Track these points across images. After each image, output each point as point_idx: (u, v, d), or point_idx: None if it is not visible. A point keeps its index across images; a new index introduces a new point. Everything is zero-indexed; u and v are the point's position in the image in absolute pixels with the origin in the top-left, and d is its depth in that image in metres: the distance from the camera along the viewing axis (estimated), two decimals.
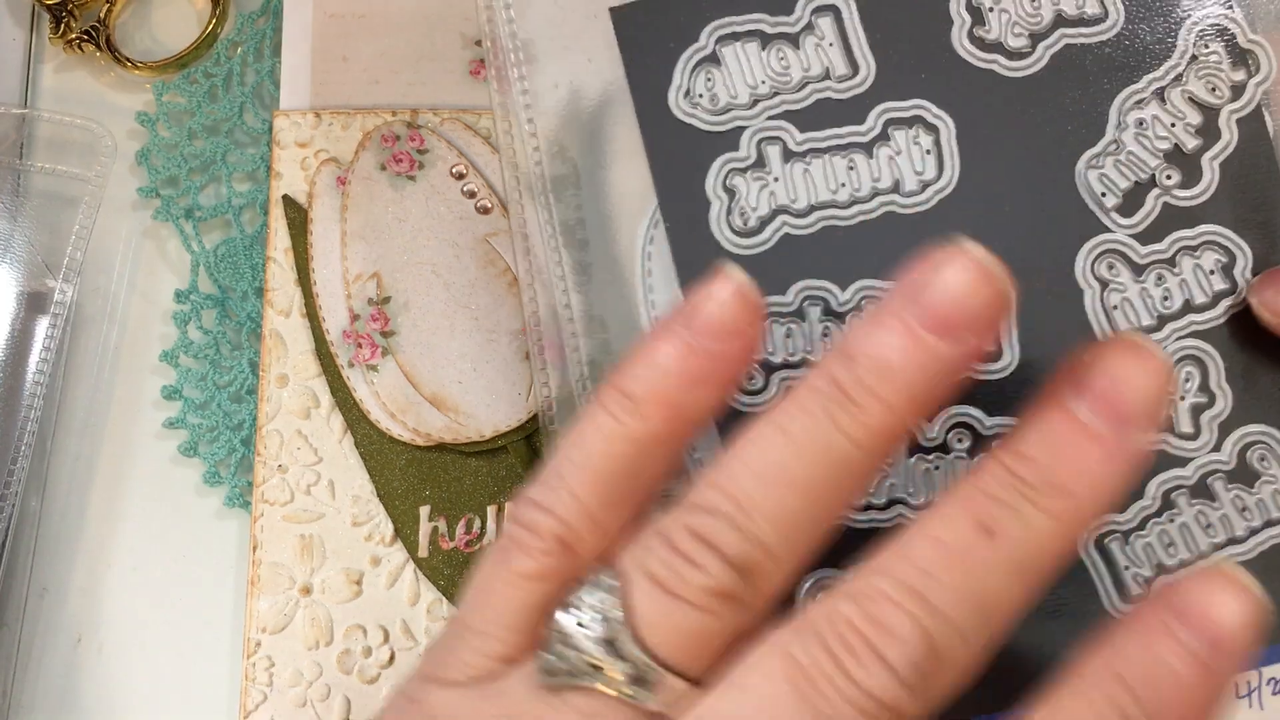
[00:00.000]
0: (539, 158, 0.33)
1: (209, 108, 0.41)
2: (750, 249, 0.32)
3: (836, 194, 0.31)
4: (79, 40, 0.41)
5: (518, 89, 0.33)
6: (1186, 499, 0.31)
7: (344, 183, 0.38)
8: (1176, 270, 0.31)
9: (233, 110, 0.41)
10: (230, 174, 0.40)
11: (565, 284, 0.32)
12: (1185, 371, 0.31)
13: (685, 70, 0.32)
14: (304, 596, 0.36)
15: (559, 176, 0.32)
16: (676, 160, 0.32)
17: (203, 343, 0.39)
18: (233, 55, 0.41)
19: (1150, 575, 0.31)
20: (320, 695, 0.35)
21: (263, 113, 0.41)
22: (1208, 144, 0.31)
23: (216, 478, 0.39)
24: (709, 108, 0.32)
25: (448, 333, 0.37)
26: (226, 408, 0.39)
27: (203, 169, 0.40)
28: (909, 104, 0.32)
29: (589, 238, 0.32)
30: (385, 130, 0.38)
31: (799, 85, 0.32)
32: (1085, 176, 0.31)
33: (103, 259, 0.40)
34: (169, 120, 0.41)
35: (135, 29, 0.42)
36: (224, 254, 0.40)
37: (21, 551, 0.38)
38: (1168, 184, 0.31)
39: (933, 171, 0.31)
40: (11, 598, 0.38)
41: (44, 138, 0.41)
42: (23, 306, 0.38)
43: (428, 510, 0.36)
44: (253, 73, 0.41)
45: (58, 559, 0.38)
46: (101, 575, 0.38)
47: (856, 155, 0.31)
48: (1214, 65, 0.31)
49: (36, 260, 0.39)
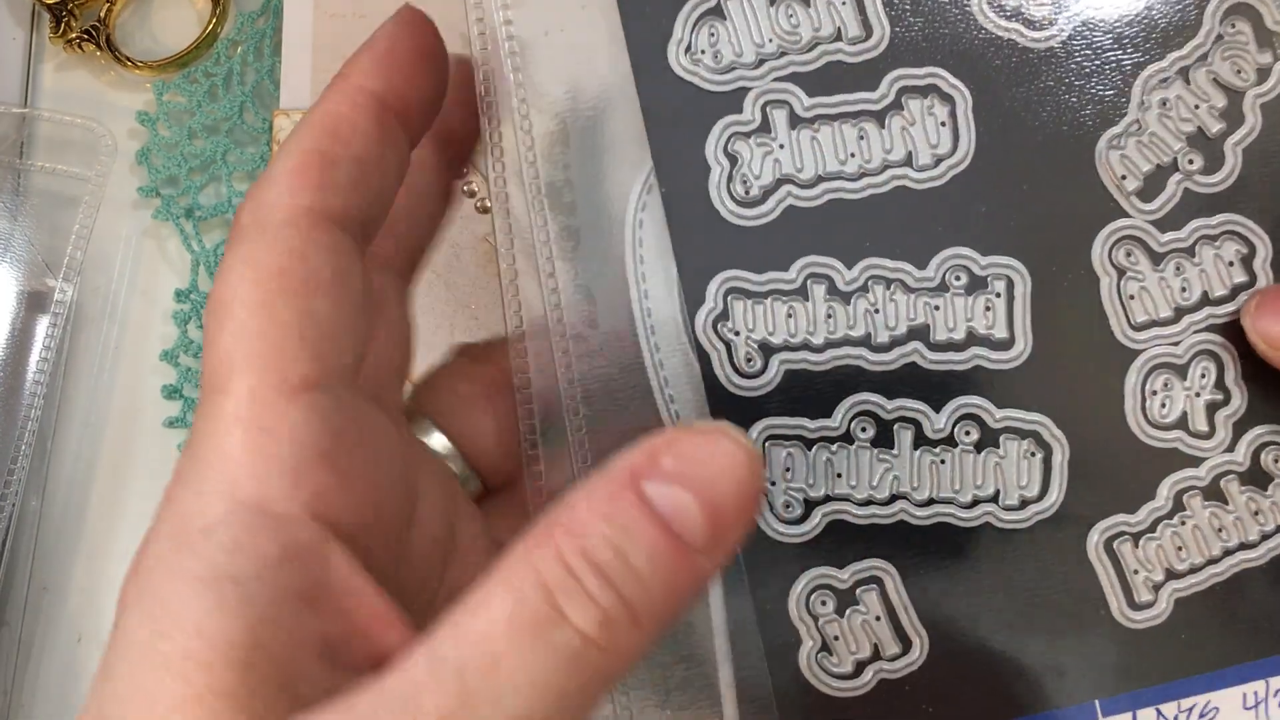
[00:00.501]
0: (525, 110, 0.31)
1: (209, 107, 0.41)
2: (751, 220, 0.30)
3: (845, 165, 0.30)
4: (79, 40, 0.41)
5: (503, 34, 0.31)
6: (1199, 500, 0.30)
7: None
8: (1196, 260, 0.30)
9: (233, 109, 0.41)
10: (230, 173, 0.40)
11: (550, 251, 0.31)
12: (1201, 367, 0.30)
13: (687, 23, 0.31)
14: None
15: (547, 132, 0.31)
16: (675, 120, 0.30)
17: (203, 342, 0.39)
18: (233, 55, 0.41)
19: (1160, 580, 0.30)
20: None
21: (263, 112, 0.41)
22: (1231, 128, 0.30)
23: None
24: (711, 65, 0.30)
25: (447, 332, 0.37)
26: None
27: (203, 168, 0.40)
28: (924, 71, 0.30)
29: (577, 200, 0.31)
30: None
31: (809, 45, 0.30)
32: (1106, 157, 0.30)
33: (103, 258, 0.40)
34: (169, 120, 0.41)
35: (135, 28, 0.42)
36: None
37: (22, 551, 0.38)
38: (1190, 169, 0.30)
39: (948, 145, 0.30)
40: (12, 597, 0.38)
41: (44, 137, 0.41)
42: (23, 306, 0.38)
43: None
44: (253, 72, 0.41)
45: (58, 558, 0.38)
46: (102, 574, 0.38)
47: (867, 124, 0.30)
48: (1240, 45, 0.30)
49: (37, 260, 0.39)
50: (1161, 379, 0.30)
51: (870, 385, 0.30)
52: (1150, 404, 0.30)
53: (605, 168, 0.31)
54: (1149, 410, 0.30)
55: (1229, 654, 0.30)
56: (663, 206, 0.30)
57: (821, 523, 0.28)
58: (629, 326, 0.30)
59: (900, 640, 0.29)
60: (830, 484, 0.28)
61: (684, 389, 0.30)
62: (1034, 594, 0.28)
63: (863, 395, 0.30)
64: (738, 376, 0.29)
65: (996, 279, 0.30)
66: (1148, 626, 0.30)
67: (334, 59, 0.39)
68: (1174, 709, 0.30)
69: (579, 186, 0.31)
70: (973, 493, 0.29)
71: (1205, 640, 0.30)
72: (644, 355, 0.30)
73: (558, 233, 0.31)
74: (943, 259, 0.30)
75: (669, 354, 0.30)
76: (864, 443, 0.29)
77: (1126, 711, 0.30)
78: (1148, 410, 0.30)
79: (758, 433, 0.29)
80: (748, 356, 0.30)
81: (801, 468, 0.29)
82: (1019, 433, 0.30)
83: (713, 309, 0.30)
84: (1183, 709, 0.30)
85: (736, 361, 0.29)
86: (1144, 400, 0.30)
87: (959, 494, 0.29)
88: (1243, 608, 0.30)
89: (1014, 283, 0.30)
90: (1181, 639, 0.30)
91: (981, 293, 0.29)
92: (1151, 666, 0.30)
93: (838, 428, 0.30)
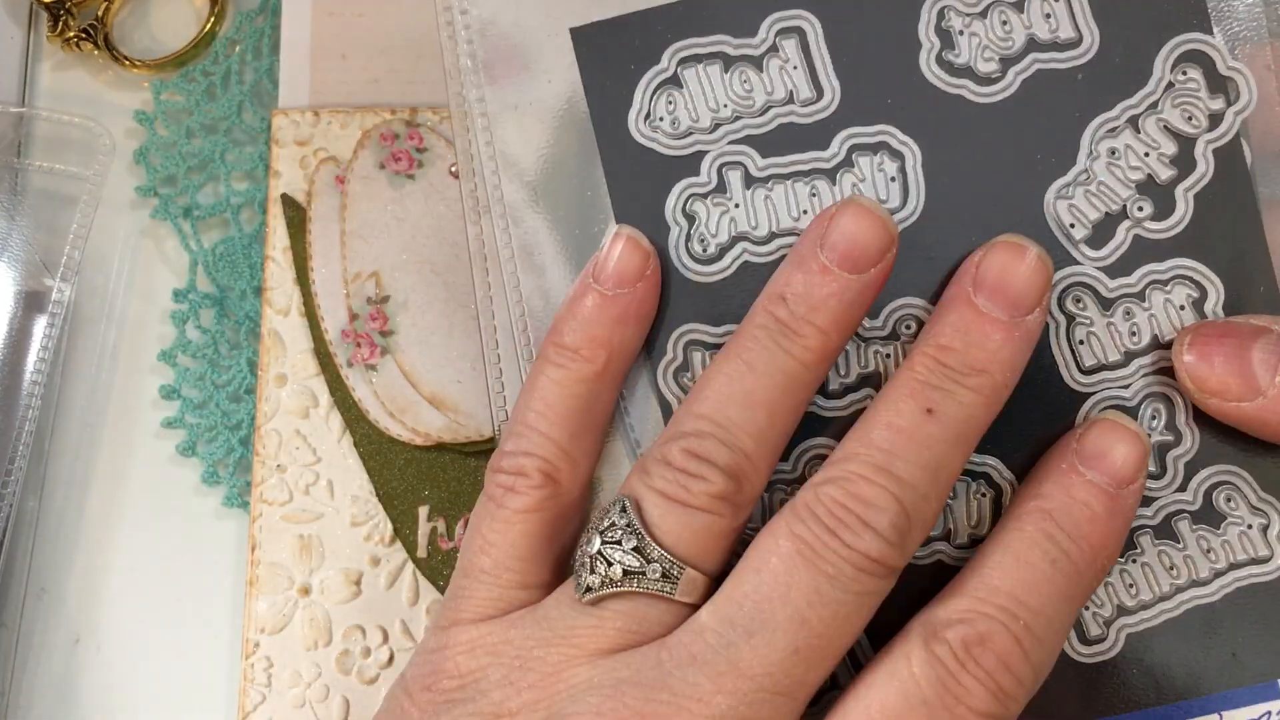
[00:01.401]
0: (496, 180, 0.32)
1: (207, 106, 0.41)
2: (709, 276, 0.31)
3: (799, 221, 0.31)
4: (77, 38, 0.41)
5: (476, 110, 0.32)
6: (1150, 539, 0.30)
7: (343, 181, 0.38)
8: (1146, 305, 0.30)
9: (231, 109, 0.41)
10: (229, 173, 0.40)
11: (524, 309, 0.32)
12: (1152, 409, 0.31)
13: (646, 92, 0.32)
14: (303, 597, 0.36)
15: (516, 200, 0.32)
16: (636, 184, 0.31)
17: (201, 342, 0.39)
18: (231, 53, 0.41)
19: (1110, 615, 0.30)
20: (319, 696, 0.35)
21: (261, 111, 0.40)
22: (1182, 174, 0.30)
23: (215, 477, 0.38)
24: (670, 131, 0.31)
25: (447, 332, 0.37)
26: (225, 407, 0.39)
27: (201, 168, 0.40)
28: (874, 129, 0.31)
29: (546, 264, 0.32)
30: (384, 129, 0.38)
31: (762, 109, 0.31)
32: (1054, 207, 0.31)
33: (101, 258, 0.40)
34: (167, 119, 0.41)
35: (133, 27, 0.42)
36: (222, 253, 0.40)
37: (20, 552, 0.38)
38: (1139, 215, 0.30)
39: (897, 199, 0.31)
40: (10, 598, 0.38)
41: (42, 136, 0.40)
42: (20, 306, 0.38)
43: (427, 510, 0.36)
44: (251, 71, 0.41)
45: (56, 559, 0.38)
46: (100, 576, 0.38)
47: (819, 181, 0.31)
48: (1191, 93, 0.30)
49: (34, 259, 0.39)
50: None
51: (823, 431, 0.31)
52: None
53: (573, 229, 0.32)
54: None
55: (1181, 688, 0.30)
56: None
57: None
58: None
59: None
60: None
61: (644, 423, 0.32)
62: None
63: (817, 439, 0.31)
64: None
65: None
66: (1098, 660, 0.30)
67: (333, 58, 0.39)
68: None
69: (548, 249, 0.32)
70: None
71: (1157, 674, 0.30)
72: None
73: (529, 292, 0.33)
74: (893, 309, 0.31)
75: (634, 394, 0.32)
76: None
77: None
78: None
79: None
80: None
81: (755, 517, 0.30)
82: (970, 474, 0.31)
83: (672, 360, 0.31)
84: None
85: None
86: None
87: None
88: (1194, 643, 0.30)
89: None
90: (1133, 673, 0.30)
91: None
92: (1103, 699, 0.30)
93: (792, 472, 0.31)
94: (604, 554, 0.27)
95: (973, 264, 0.28)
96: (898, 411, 0.27)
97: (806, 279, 0.28)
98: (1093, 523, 0.27)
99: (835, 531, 0.26)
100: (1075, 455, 0.28)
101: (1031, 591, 0.26)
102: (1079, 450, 0.28)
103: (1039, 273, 0.28)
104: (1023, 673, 0.26)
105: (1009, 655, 0.26)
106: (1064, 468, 0.28)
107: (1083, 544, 0.27)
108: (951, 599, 0.27)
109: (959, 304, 0.28)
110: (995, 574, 0.27)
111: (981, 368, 0.27)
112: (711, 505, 0.28)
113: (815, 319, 0.28)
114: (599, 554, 0.27)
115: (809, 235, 0.29)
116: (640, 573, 0.27)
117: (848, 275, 0.28)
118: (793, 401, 0.29)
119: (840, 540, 0.26)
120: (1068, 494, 0.27)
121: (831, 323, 0.28)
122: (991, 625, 0.26)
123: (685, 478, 0.28)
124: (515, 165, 0.32)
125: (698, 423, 0.28)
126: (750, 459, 0.28)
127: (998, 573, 0.27)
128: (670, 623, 0.27)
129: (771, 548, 0.27)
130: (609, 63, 0.31)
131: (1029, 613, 0.26)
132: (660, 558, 0.27)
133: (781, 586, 0.26)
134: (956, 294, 0.28)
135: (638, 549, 0.27)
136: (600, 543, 0.28)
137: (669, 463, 0.28)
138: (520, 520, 0.29)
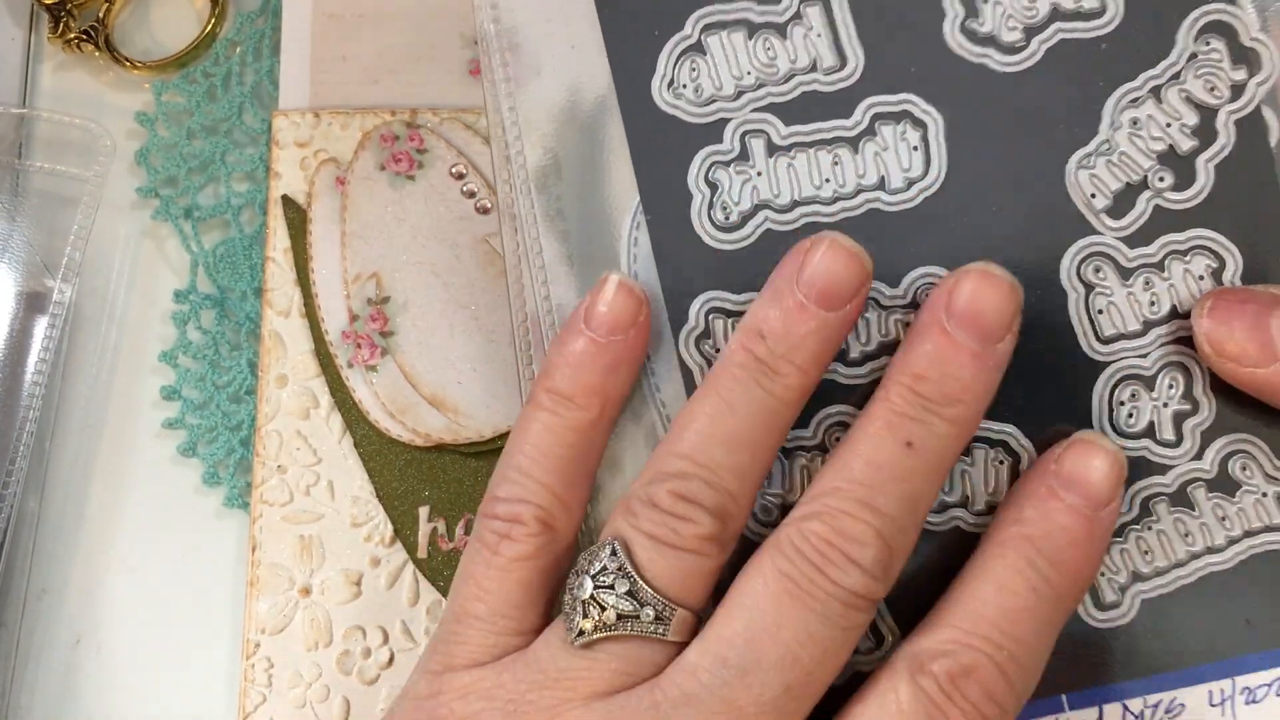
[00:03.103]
0: (520, 146, 0.32)
1: (208, 107, 0.41)
2: (731, 244, 0.31)
3: (820, 189, 0.31)
4: (78, 40, 0.41)
5: (500, 75, 0.32)
6: (1166, 506, 0.30)
7: (343, 183, 0.38)
8: (1165, 275, 0.31)
9: (232, 110, 0.41)
10: (229, 174, 0.40)
11: (545, 275, 0.32)
12: (1170, 378, 0.31)
13: (670, 60, 0.31)
14: (303, 597, 0.36)
15: (541, 166, 0.32)
16: (659, 152, 0.31)
17: (202, 343, 0.39)
18: (232, 55, 0.41)
19: (1125, 581, 0.30)
20: (320, 696, 0.35)
21: (262, 112, 0.41)
22: (1203, 145, 0.31)
23: (215, 478, 0.38)
24: (693, 99, 0.31)
25: (447, 333, 0.37)
26: (225, 408, 0.39)
27: (202, 169, 0.40)
28: (897, 98, 0.31)
29: (570, 229, 0.32)
30: (384, 130, 0.38)
31: (785, 77, 0.31)
32: (1075, 176, 0.31)
33: (101, 259, 0.40)
34: (168, 120, 0.41)
35: (134, 28, 0.42)
36: (223, 254, 0.40)
37: (20, 552, 0.38)
38: (1160, 186, 0.31)
39: (919, 168, 0.31)
40: (10, 598, 0.38)
41: (43, 137, 0.41)
42: (21, 306, 0.38)
43: (427, 511, 0.36)
44: (252, 72, 0.41)
45: (56, 560, 0.38)
46: (100, 576, 0.38)
47: (842, 150, 0.31)
48: (1214, 63, 0.31)
49: (35, 260, 0.39)
50: (1129, 390, 0.30)
51: (844, 398, 0.31)
52: (1118, 414, 0.30)
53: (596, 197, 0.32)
54: (1116, 420, 0.30)
55: (1195, 653, 0.30)
56: (648, 232, 0.31)
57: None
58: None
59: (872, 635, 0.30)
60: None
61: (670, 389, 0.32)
62: None
63: (837, 407, 0.31)
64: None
65: None
66: (1114, 626, 0.30)
67: (333, 59, 0.39)
68: (1140, 704, 0.30)
69: (570, 215, 0.32)
70: (942, 498, 0.30)
71: (1171, 640, 0.30)
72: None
73: (553, 257, 0.32)
74: (914, 278, 0.31)
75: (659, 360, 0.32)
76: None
77: (1093, 706, 0.30)
78: (1115, 420, 0.30)
79: None
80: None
81: (777, 479, 0.31)
82: (988, 442, 0.31)
83: (694, 328, 0.31)
84: (1149, 705, 0.31)
85: None
86: (1111, 410, 0.30)
87: None
88: (1209, 609, 0.31)
89: None
90: (1148, 638, 0.30)
91: None
92: (1118, 664, 0.30)
93: (812, 438, 0.31)
94: (597, 598, 0.27)
95: (944, 291, 0.28)
96: (877, 446, 0.28)
97: (784, 316, 0.28)
98: (1073, 547, 0.27)
99: (822, 569, 0.27)
100: (1054, 478, 0.28)
101: (1015, 620, 0.27)
102: (1058, 474, 0.28)
103: (1010, 300, 0.28)
104: (1007, 701, 0.26)
105: (994, 686, 0.26)
106: (1043, 492, 0.28)
107: (1064, 569, 0.27)
108: (936, 629, 0.27)
109: (932, 332, 0.28)
110: (978, 603, 0.27)
111: (957, 398, 0.28)
112: (700, 546, 0.28)
113: (795, 358, 0.28)
114: (592, 598, 0.28)
115: (785, 270, 0.29)
116: (635, 616, 0.27)
117: (825, 313, 0.28)
118: (774, 439, 0.29)
119: (827, 577, 0.27)
120: (1048, 519, 0.28)
121: (811, 360, 0.28)
122: (976, 657, 0.26)
123: (673, 520, 0.28)
124: (538, 131, 0.32)
125: (682, 464, 0.28)
126: (735, 499, 0.28)
127: (980, 602, 0.27)
128: (661, 662, 0.28)
129: (760, 586, 0.27)
130: (633, 29, 0.31)
131: (1013, 641, 0.27)
132: (653, 600, 0.27)
133: (772, 625, 0.26)
134: (929, 321, 0.28)
135: (631, 593, 0.27)
136: (593, 587, 0.28)
137: (656, 505, 0.28)
138: (516, 568, 0.29)
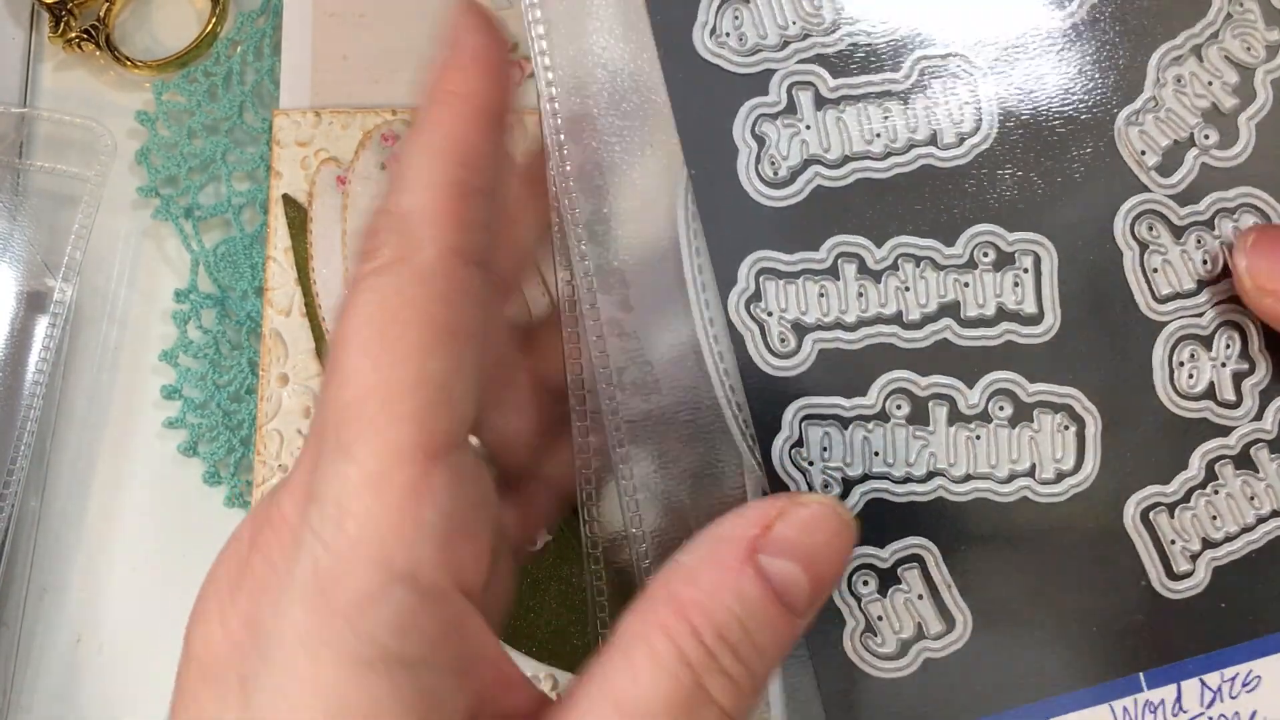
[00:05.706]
0: (551, 92, 0.31)
1: (209, 107, 0.41)
2: (780, 201, 0.30)
3: (871, 145, 0.30)
4: (79, 39, 0.41)
5: (530, 16, 0.31)
6: (1231, 469, 0.30)
7: (344, 182, 0.38)
8: (1215, 233, 0.30)
9: (232, 109, 0.41)
10: (230, 173, 0.40)
11: (581, 233, 0.31)
12: (1226, 337, 0.30)
13: (711, 6, 0.31)
14: None
15: (574, 115, 0.31)
16: (701, 103, 0.30)
17: (202, 342, 0.39)
18: (232, 54, 0.41)
19: (1197, 550, 0.30)
20: None
21: (262, 112, 0.40)
22: (1244, 104, 0.31)
23: (216, 477, 0.38)
24: (736, 48, 0.31)
25: None
26: (226, 407, 0.39)
27: (202, 168, 0.40)
28: (946, 52, 0.31)
29: (606, 184, 0.31)
30: (386, 129, 0.38)
31: (831, 27, 0.31)
32: (1126, 133, 0.30)
33: (102, 258, 0.40)
34: (168, 119, 0.41)
35: (135, 28, 0.42)
36: (224, 253, 0.40)
37: (21, 552, 0.38)
38: (1206, 144, 0.30)
39: (970, 124, 0.30)
40: (11, 598, 0.38)
41: (43, 137, 0.41)
42: (22, 306, 0.38)
43: None
44: (252, 72, 0.41)
45: (57, 559, 0.38)
46: (101, 575, 0.38)
47: (892, 104, 0.31)
48: (1249, 23, 0.31)
49: (36, 259, 0.39)
50: (1188, 350, 0.30)
51: (903, 363, 0.30)
52: (1178, 375, 0.30)
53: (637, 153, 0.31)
54: (1177, 381, 0.30)
55: (1269, 621, 0.30)
56: (692, 188, 0.30)
57: (860, 501, 0.28)
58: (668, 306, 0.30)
59: (944, 618, 0.29)
60: (868, 463, 0.29)
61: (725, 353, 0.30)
62: (1074, 567, 0.28)
63: (897, 373, 0.30)
64: (772, 357, 0.29)
65: (1023, 254, 0.30)
66: (1188, 596, 0.30)
67: (334, 58, 0.39)
68: (1217, 679, 0.30)
69: (608, 170, 0.31)
70: (1009, 467, 0.29)
71: (1245, 608, 0.30)
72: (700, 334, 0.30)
73: (589, 217, 0.31)
74: (970, 236, 0.30)
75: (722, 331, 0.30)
76: (900, 420, 0.29)
77: (1171, 683, 0.30)
78: (1176, 381, 0.30)
79: (793, 413, 0.29)
80: (781, 337, 0.30)
81: (839, 447, 0.29)
82: (1052, 406, 0.30)
83: (745, 290, 0.30)
84: (1225, 679, 0.30)
85: (770, 342, 0.29)
86: (1172, 371, 0.30)
87: (995, 469, 0.29)
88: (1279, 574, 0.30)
89: (1040, 258, 0.30)
90: (1221, 608, 0.30)
91: (1009, 268, 0.29)
92: (1193, 637, 0.30)
93: (873, 406, 0.29)
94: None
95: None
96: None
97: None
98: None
99: None
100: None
101: None
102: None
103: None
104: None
105: None
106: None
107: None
108: None
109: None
110: None
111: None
112: None
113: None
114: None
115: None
116: None
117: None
118: None
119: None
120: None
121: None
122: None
123: None
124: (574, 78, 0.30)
125: None
126: None
127: None
128: None
129: None
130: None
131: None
132: None
133: None
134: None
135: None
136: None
137: None
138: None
